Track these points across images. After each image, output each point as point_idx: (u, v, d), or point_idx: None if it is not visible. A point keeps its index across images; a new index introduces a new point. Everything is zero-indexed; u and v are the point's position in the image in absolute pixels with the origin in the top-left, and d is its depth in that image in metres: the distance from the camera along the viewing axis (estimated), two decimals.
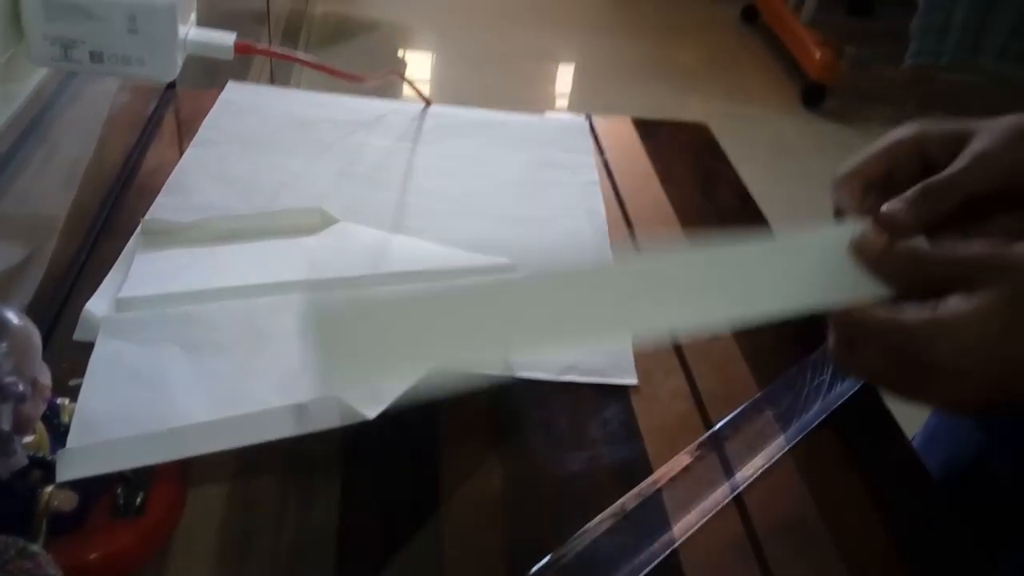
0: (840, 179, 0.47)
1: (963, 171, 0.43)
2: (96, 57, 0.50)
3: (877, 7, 3.31)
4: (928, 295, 0.40)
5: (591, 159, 0.74)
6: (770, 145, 2.53)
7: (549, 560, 0.39)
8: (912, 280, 0.41)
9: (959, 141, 0.45)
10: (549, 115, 0.82)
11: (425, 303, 0.37)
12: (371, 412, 0.38)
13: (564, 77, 2.97)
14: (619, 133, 0.80)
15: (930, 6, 2.40)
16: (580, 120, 0.81)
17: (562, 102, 2.78)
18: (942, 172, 0.43)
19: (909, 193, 0.43)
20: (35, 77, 0.52)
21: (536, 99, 2.72)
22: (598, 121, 0.81)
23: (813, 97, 2.73)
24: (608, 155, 0.76)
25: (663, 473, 0.45)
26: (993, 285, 0.38)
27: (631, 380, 0.51)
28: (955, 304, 0.38)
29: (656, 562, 0.40)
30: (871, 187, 0.45)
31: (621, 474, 0.45)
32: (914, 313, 0.39)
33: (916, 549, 0.43)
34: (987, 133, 0.44)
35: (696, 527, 0.42)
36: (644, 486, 0.44)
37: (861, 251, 0.41)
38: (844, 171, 0.47)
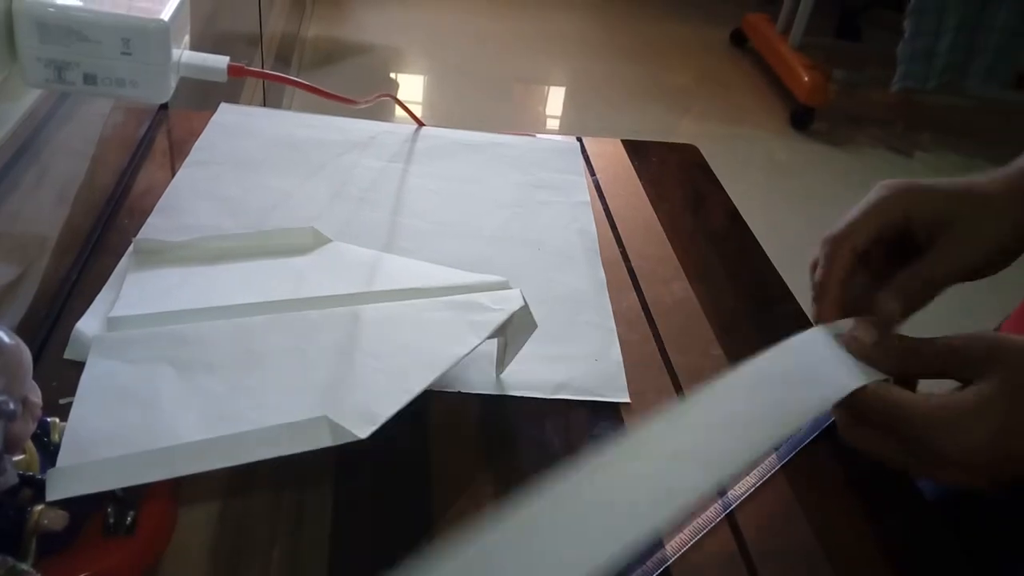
0: (832, 245, 0.48)
1: (944, 272, 0.46)
2: (90, 79, 0.50)
3: (865, 31, 3.35)
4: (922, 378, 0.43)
5: (582, 180, 0.75)
6: (760, 166, 2.55)
7: None
8: (907, 370, 0.43)
9: (942, 225, 0.47)
10: (540, 137, 0.82)
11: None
12: (363, 432, 0.38)
13: (555, 99, 2.99)
14: (610, 154, 0.80)
15: (917, 31, 2.43)
16: (571, 141, 0.81)
17: (553, 124, 2.80)
18: (925, 265, 0.46)
19: (896, 288, 0.46)
20: (28, 98, 0.52)
21: (527, 121, 2.74)
22: (589, 142, 0.82)
23: (802, 119, 2.76)
24: (599, 176, 0.76)
25: None
26: (989, 376, 0.40)
27: (623, 398, 0.51)
28: (955, 398, 0.40)
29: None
30: (858, 256, 0.47)
31: None
32: (919, 403, 0.41)
33: (908, 567, 0.43)
34: (970, 227, 0.47)
35: (689, 545, 0.42)
36: None
37: (855, 349, 0.43)
38: (835, 236, 0.48)
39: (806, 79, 2.70)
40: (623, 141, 0.83)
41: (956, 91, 2.63)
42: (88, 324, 0.50)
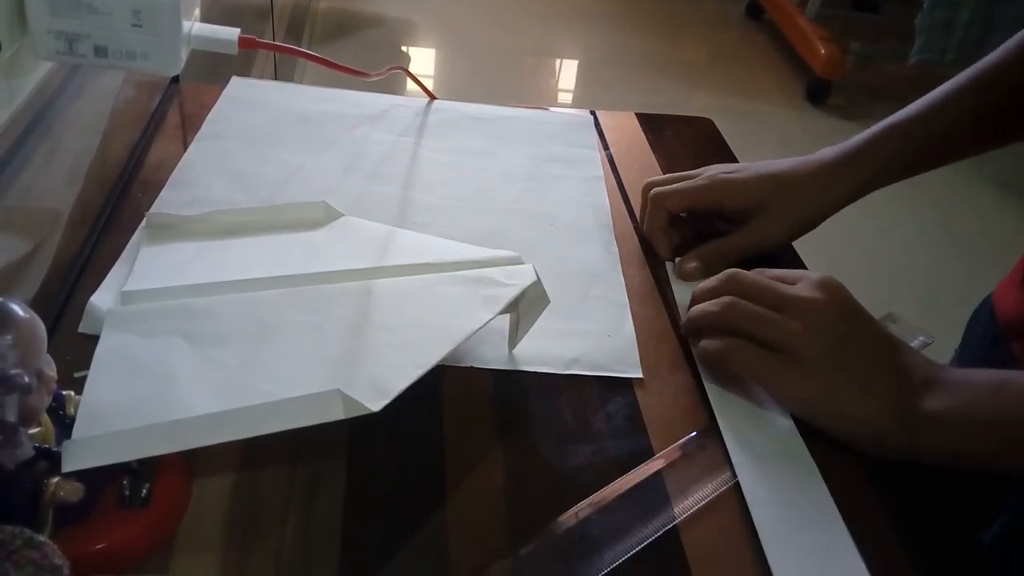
0: (652, 202, 0.62)
1: (741, 248, 0.60)
2: (100, 51, 0.50)
3: (882, 3, 3.30)
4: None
5: (596, 154, 0.74)
6: (775, 140, 2.53)
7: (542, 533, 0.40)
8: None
9: (751, 211, 0.60)
10: (554, 110, 0.82)
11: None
12: (376, 405, 0.38)
13: (568, 72, 2.97)
14: (624, 128, 0.80)
15: (935, 3, 2.39)
16: (585, 115, 0.81)
17: (566, 97, 2.78)
18: (726, 241, 0.61)
19: (698, 253, 0.60)
20: (40, 71, 0.52)
21: (540, 94, 2.72)
22: (603, 116, 0.81)
23: (818, 93, 2.73)
24: (613, 150, 0.75)
25: (664, 456, 0.45)
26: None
27: (636, 374, 0.51)
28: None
29: (654, 538, 0.41)
30: (671, 214, 0.61)
31: (625, 468, 0.45)
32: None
33: (911, 525, 0.43)
34: (771, 216, 0.60)
35: (696, 508, 0.43)
36: (644, 467, 0.44)
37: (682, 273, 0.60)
38: (657, 194, 0.62)
39: (823, 52, 2.66)
40: (637, 115, 0.82)
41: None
42: (102, 298, 0.50)
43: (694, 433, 0.47)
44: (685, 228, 0.63)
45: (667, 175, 0.64)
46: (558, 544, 0.40)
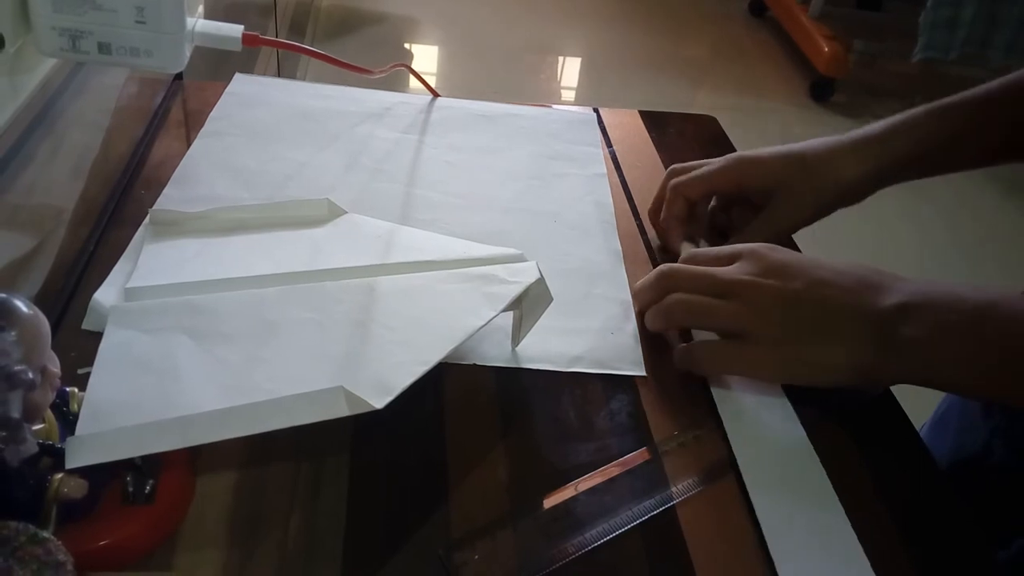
0: (671, 191, 0.61)
1: (765, 235, 0.57)
2: (104, 48, 0.50)
3: (886, 1, 3.29)
4: None
5: (599, 151, 0.74)
6: (778, 138, 2.51)
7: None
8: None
9: (768, 192, 0.60)
10: (557, 108, 0.82)
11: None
12: (379, 402, 0.38)
13: (571, 70, 2.96)
14: (627, 125, 0.80)
15: (938, 0, 2.38)
16: (588, 112, 0.81)
17: (569, 95, 2.78)
18: (747, 232, 0.60)
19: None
20: (43, 68, 0.52)
21: (543, 92, 2.71)
22: (606, 113, 0.81)
23: (821, 91, 2.73)
24: (616, 147, 0.75)
25: (663, 440, 0.46)
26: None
27: (639, 371, 0.51)
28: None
29: (652, 514, 0.41)
30: (689, 203, 0.61)
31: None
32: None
33: (917, 534, 0.43)
34: (789, 194, 0.59)
35: (696, 491, 0.43)
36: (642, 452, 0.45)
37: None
38: (675, 184, 0.61)
39: (826, 49, 2.66)
40: (640, 112, 0.82)
41: (977, 63, 2.59)
42: (106, 295, 0.50)
43: (691, 426, 0.47)
44: (702, 225, 0.63)
45: (691, 162, 0.63)
46: (549, 520, 0.41)
